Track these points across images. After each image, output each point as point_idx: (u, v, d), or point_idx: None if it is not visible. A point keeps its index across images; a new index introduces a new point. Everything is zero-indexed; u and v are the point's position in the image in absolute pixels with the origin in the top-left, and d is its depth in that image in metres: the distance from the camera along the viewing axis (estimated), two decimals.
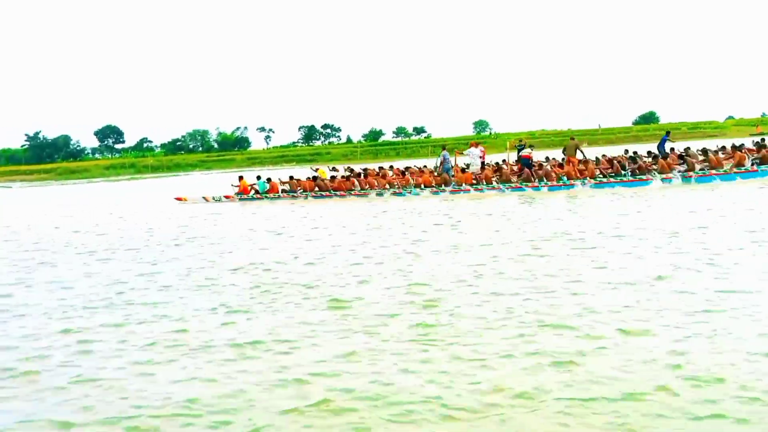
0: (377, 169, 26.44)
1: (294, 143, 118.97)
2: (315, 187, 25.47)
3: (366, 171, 26.42)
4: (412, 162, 31.88)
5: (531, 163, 22.84)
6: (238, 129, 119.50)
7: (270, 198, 25.94)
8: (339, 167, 30.73)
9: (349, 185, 25.07)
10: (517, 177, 22.45)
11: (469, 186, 22.38)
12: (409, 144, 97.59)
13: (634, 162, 21.33)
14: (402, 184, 24.34)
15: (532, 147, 23.84)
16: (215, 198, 26.92)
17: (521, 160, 23.21)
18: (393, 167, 27.69)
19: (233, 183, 28.37)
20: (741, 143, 24.41)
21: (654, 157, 22.79)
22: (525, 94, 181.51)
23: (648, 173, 20.48)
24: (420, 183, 23.77)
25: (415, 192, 23.30)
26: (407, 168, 26.39)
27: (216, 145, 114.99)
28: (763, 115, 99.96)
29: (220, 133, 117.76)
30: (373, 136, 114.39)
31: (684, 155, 22.42)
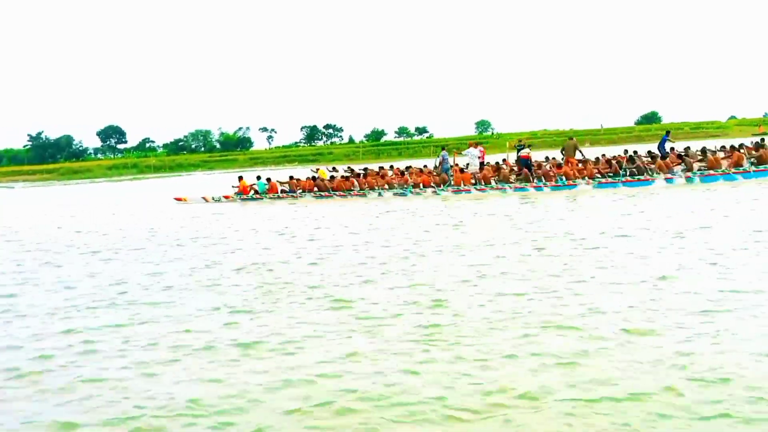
0: (377, 170, 26.49)
1: (296, 143, 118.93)
2: (314, 188, 25.53)
3: (366, 171, 26.49)
4: (414, 162, 31.84)
5: (530, 164, 22.84)
6: (240, 129, 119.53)
7: (270, 198, 26.00)
8: (339, 168, 30.70)
9: (349, 185, 25.12)
10: (516, 177, 22.47)
11: (470, 186, 22.39)
12: (412, 144, 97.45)
13: (632, 162, 21.33)
14: (400, 183, 24.39)
15: (530, 147, 23.82)
16: (214, 198, 26.97)
17: (520, 160, 23.22)
18: (393, 167, 27.69)
19: (233, 184, 28.41)
20: (741, 143, 24.36)
21: (653, 158, 22.75)
22: (527, 94, 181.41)
23: (646, 173, 20.47)
24: (419, 183, 23.83)
25: (413, 192, 23.33)
26: (407, 168, 26.43)
27: (218, 146, 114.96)
28: (766, 115, 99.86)
29: (222, 134, 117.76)
30: (376, 136, 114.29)
31: (683, 155, 22.40)
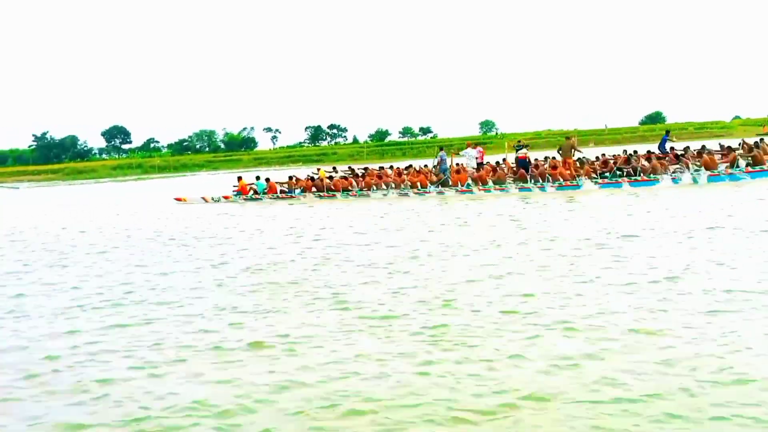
0: (377, 170, 26.61)
1: (300, 143, 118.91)
2: (313, 187, 25.62)
3: (366, 171, 26.59)
4: (418, 162, 31.85)
5: (527, 164, 22.81)
6: (244, 129, 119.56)
7: (270, 198, 26.08)
8: (339, 168, 30.74)
9: (347, 185, 25.21)
10: (514, 178, 22.48)
11: (471, 186, 22.41)
12: (416, 144, 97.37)
13: (628, 162, 21.31)
14: (398, 183, 24.43)
15: (527, 147, 23.81)
16: (214, 198, 27.06)
17: (517, 160, 23.22)
18: (393, 167, 27.76)
19: (233, 184, 28.53)
20: (740, 142, 24.29)
21: (648, 158, 22.69)
22: (531, 94, 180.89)
23: (643, 174, 20.45)
24: (416, 183, 23.87)
25: (414, 192, 23.35)
26: (407, 167, 26.53)
27: (223, 146, 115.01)
28: None
29: (226, 134, 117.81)
30: (380, 136, 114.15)
31: (681, 155, 22.40)
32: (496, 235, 12.47)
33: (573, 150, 22.17)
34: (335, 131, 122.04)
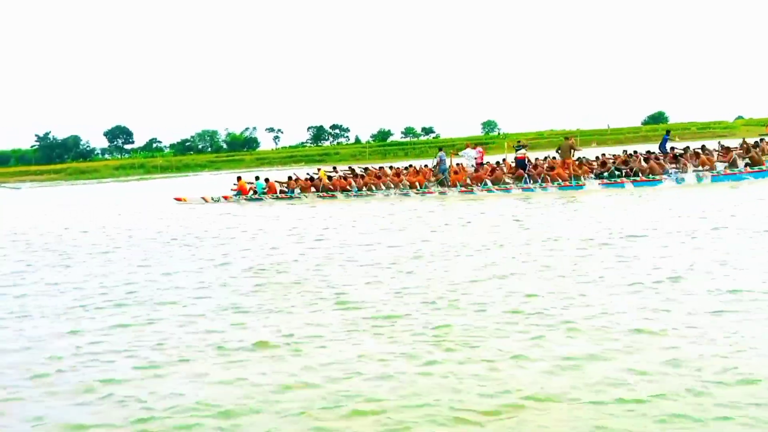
0: (377, 170, 26.67)
1: (303, 143, 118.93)
2: (312, 187, 25.64)
3: (367, 171, 26.64)
4: (419, 162, 31.86)
5: (525, 164, 22.79)
6: (247, 129, 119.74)
7: (271, 198, 26.11)
8: (339, 168, 30.76)
9: (346, 185, 25.25)
10: (513, 178, 22.47)
11: (472, 186, 22.39)
12: (418, 144, 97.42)
13: (626, 163, 21.30)
14: (396, 183, 24.44)
15: (526, 148, 23.80)
16: (214, 198, 27.09)
17: (516, 161, 23.22)
18: (392, 167, 27.79)
19: (233, 184, 28.56)
20: (740, 142, 24.27)
21: (646, 159, 22.66)
22: (534, 94, 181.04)
23: (642, 174, 20.42)
24: (414, 183, 23.85)
25: (415, 192, 23.35)
26: (407, 167, 26.57)
27: (225, 146, 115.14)
28: None
29: (229, 134, 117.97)
30: (382, 136, 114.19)
31: (680, 155, 22.38)
32: (498, 236, 12.46)
33: (572, 150, 22.17)
34: (338, 131, 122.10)
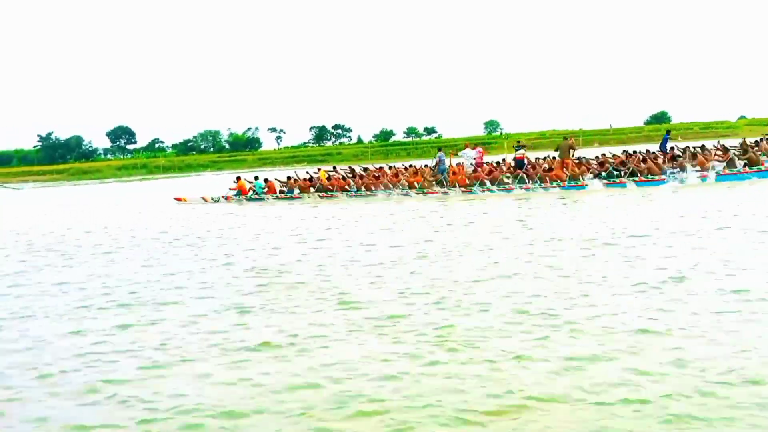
0: (376, 170, 26.69)
1: (305, 144, 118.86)
2: (310, 188, 25.66)
3: (367, 171, 26.65)
4: (421, 162, 31.86)
5: (524, 164, 22.77)
6: (249, 129, 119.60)
7: (272, 198, 26.13)
8: (339, 168, 30.76)
9: (345, 185, 25.25)
10: (512, 177, 22.48)
11: (472, 186, 22.39)
12: (420, 144, 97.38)
13: (624, 164, 21.29)
14: (395, 183, 24.44)
15: (525, 148, 23.80)
16: (214, 198, 27.11)
17: (515, 161, 23.21)
18: (392, 167, 27.81)
19: (233, 181, 28.56)
20: (741, 141, 24.22)
21: (644, 159, 22.62)
22: (536, 94, 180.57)
23: (640, 174, 20.40)
24: (413, 183, 23.86)
25: (412, 192, 23.36)
26: (407, 167, 26.57)
27: (227, 146, 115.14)
28: None
29: (231, 134, 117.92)
30: (384, 136, 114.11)
31: (679, 155, 22.35)
32: (501, 236, 12.44)
33: (571, 150, 22.16)
34: (340, 131, 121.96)
